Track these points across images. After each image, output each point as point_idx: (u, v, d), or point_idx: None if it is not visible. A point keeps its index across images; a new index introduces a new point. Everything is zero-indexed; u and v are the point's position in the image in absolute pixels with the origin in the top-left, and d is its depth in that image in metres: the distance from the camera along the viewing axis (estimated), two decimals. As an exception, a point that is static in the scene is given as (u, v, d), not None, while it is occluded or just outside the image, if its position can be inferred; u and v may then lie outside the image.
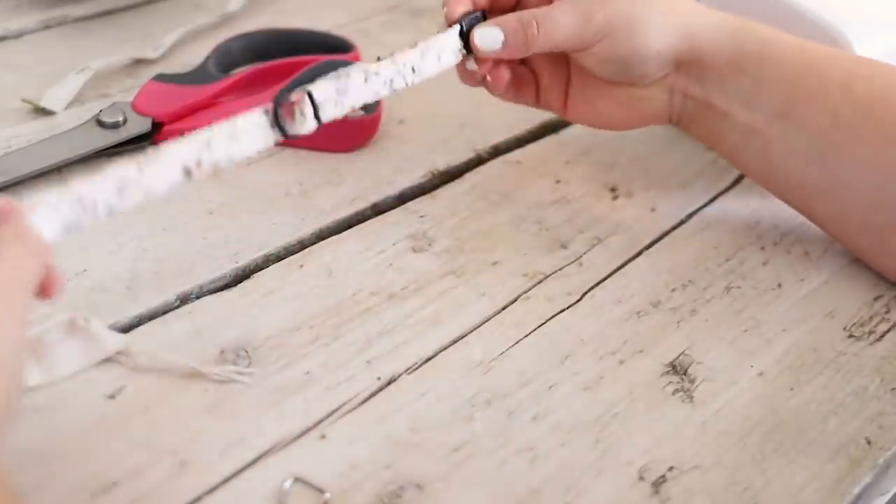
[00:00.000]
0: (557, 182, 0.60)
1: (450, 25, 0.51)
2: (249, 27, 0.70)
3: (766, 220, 0.58)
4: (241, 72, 0.63)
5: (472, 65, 0.52)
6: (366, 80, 0.48)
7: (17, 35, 0.69)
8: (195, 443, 0.42)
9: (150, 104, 0.59)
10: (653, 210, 0.58)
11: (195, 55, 0.66)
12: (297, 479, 0.40)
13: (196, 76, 0.62)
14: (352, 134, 0.61)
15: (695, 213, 0.58)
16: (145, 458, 0.41)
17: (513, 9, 0.53)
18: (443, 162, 0.61)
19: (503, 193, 0.58)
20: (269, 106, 0.45)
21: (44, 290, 0.37)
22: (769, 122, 0.52)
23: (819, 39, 0.60)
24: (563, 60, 0.55)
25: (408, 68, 0.49)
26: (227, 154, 0.43)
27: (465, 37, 0.51)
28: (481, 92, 0.55)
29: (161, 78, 0.61)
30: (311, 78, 0.61)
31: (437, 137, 0.63)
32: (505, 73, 0.53)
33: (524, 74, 0.55)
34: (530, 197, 0.58)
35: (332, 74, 0.47)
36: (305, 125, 0.46)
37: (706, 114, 0.53)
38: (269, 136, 0.46)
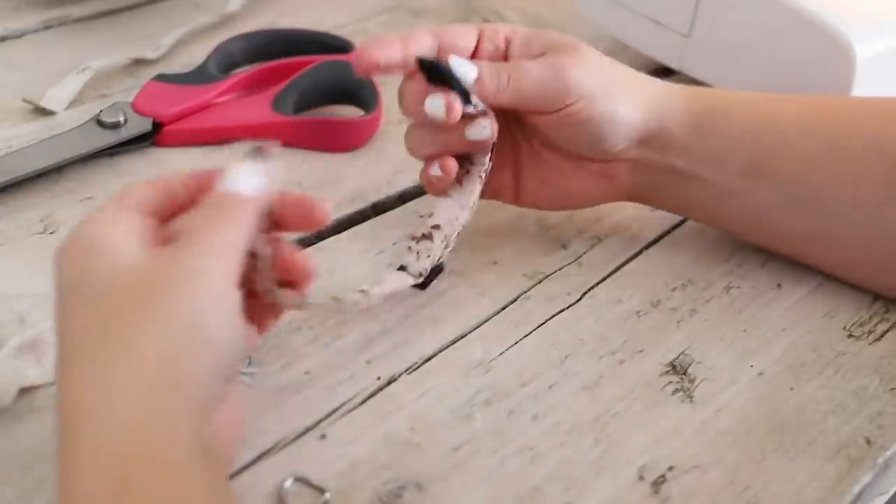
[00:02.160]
0: (557, 182, 0.60)
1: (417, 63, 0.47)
2: (249, 27, 0.70)
3: (765, 220, 0.58)
4: (241, 72, 0.63)
5: (436, 104, 0.47)
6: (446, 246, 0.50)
7: (18, 35, 0.69)
8: (195, 442, 0.41)
9: (150, 104, 0.59)
10: (653, 210, 0.58)
11: (195, 55, 0.66)
12: (298, 479, 0.40)
13: (196, 76, 0.62)
14: (352, 134, 0.61)
15: (695, 213, 0.58)
16: (145, 457, 0.40)
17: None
18: (443, 162, 0.61)
19: (503, 193, 0.58)
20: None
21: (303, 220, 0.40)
22: (741, 180, 0.51)
23: (819, 39, 0.60)
24: (509, 146, 0.52)
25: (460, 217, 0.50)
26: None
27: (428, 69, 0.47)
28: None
29: (161, 78, 0.61)
30: (312, 79, 0.62)
31: (437, 137, 0.62)
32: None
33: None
34: (530, 197, 0.58)
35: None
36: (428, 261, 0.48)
37: (674, 181, 0.52)
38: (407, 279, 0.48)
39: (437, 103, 0.46)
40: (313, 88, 0.62)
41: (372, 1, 0.79)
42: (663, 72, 0.72)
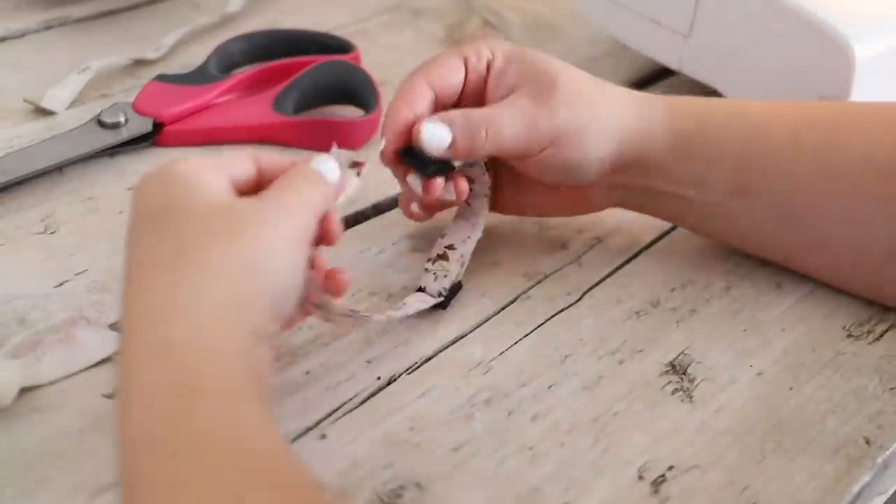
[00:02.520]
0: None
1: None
2: (249, 28, 0.70)
3: (765, 220, 0.58)
4: (241, 72, 0.64)
5: (414, 182, 0.48)
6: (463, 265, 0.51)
7: (19, 35, 0.69)
8: (195, 442, 0.42)
9: (150, 104, 0.59)
10: (652, 210, 0.58)
11: (195, 56, 0.66)
12: (298, 479, 0.40)
13: (197, 77, 0.62)
14: (352, 134, 0.61)
15: (694, 213, 0.58)
16: (146, 457, 0.41)
17: (456, 107, 0.50)
18: (443, 162, 0.61)
19: (503, 193, 0.58)
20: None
21: (325, 236, 0.42)
22: (727, 199, 0.50)
23: (819, 40, 0.60)
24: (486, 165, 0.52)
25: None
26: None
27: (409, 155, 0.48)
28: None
29: (162, 78, 0.61)
30: (312, 79, 0.62)
31: (437, 137, 0.62)
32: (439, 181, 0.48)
33: None
34: (530, 197, 0.58)
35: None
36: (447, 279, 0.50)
37: (654, 199, 0.52)
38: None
39: (416, 182, 0.48)
40: (313, 88, 0.62)
41: (372, 1, 0.79)
42: (663, 72, 0.72)
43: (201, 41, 0.69)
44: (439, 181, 0.48)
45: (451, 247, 0.51)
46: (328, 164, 0.42)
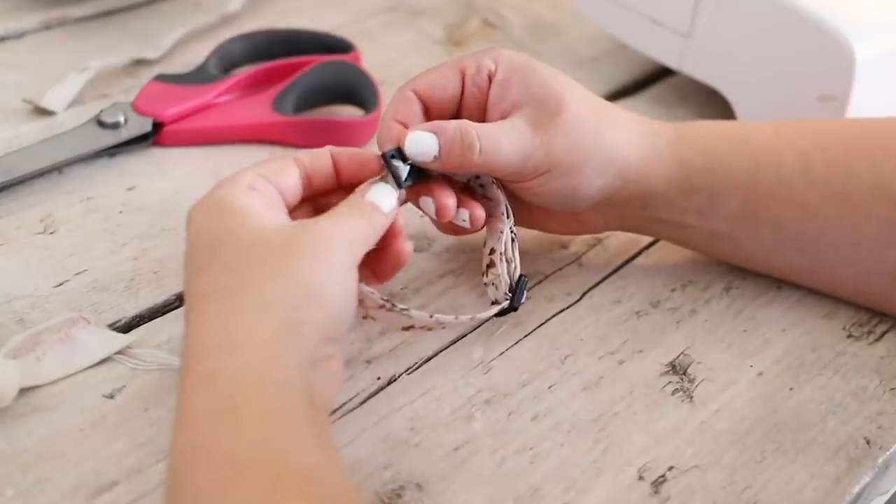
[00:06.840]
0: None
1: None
2: (249, 27, 0.70)
3: (765, 221, 0.57)
4: (241, 72, 0.63)
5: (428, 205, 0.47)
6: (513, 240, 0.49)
7: (18, 35, 0.69)
8: (195, 442, 0.41)
9: (150, 104, 0.59)
10: (652, 210, 0.58)
11: (195, 55, 0.66)
12: (297, 479, 0.40)
13: (196, 77, 0.62)
14: (352, 134, 0.61)
15: (694, 213, 0.58)
16: (145, 457, 0.41)
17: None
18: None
19: (503, 193, 0.58)
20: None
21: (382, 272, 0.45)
22: (732, 226, 0.50)
23: (819, 39, 0.60)
24: None
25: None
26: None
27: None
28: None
29: (161, 78, 0.61)
30: (312, 79, 0.62)
31: (437, 138, 0.62)
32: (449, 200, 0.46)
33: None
34: (530, 197, 0.58)
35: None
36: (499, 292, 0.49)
37: (657, 225, 0.51)
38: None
39: (429, 204, 0.47)
40: (313, 88, 0.62)
41: (372, 1, 0.79)
42: (663, 72, 0.72)
43: (201, 41, 0.69)
44: (451, 203, 0.46)
45: (492, 251, 0.48)
46: (384, 196, 0.43)
